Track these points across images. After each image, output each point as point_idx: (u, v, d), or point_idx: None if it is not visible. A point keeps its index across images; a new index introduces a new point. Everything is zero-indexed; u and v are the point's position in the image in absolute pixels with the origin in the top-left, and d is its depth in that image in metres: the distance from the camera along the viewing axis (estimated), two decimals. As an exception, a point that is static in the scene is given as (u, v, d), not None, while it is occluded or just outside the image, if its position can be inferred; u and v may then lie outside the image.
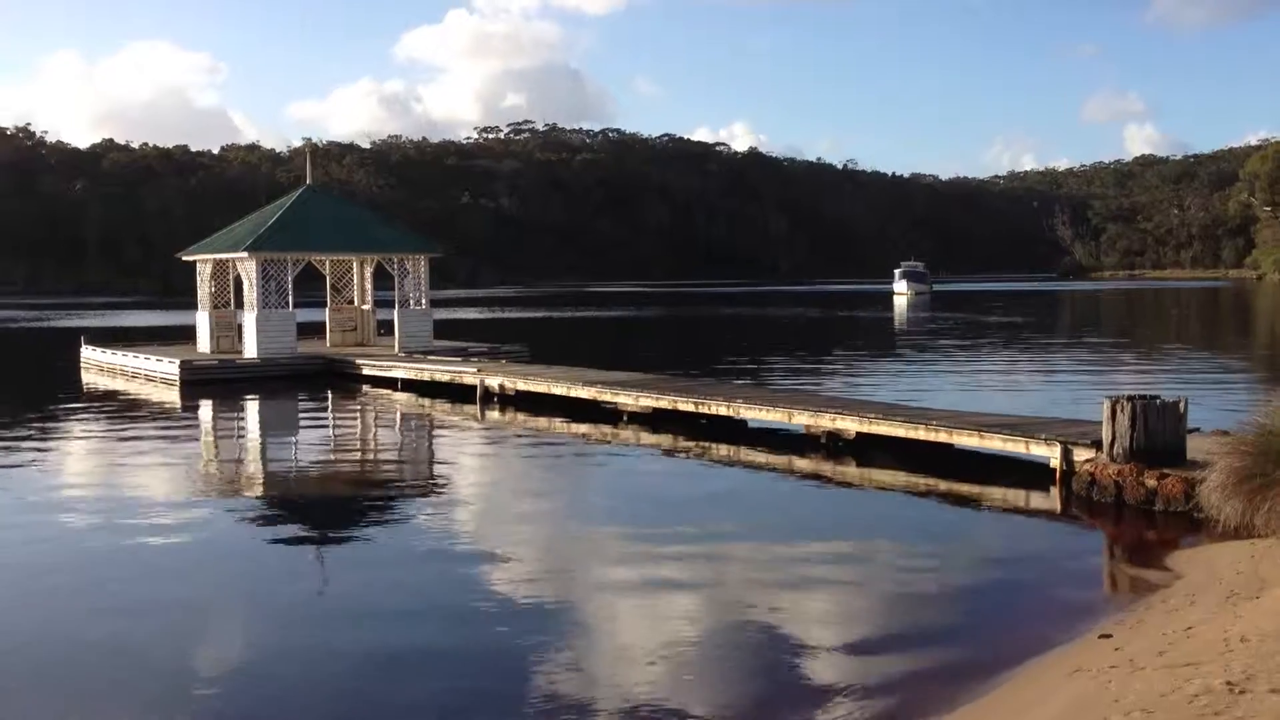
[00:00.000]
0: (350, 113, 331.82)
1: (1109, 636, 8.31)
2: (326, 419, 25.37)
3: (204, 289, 34.21)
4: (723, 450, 18.14)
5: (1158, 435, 13.29)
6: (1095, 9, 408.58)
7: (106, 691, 8.09)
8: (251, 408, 26.49)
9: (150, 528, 13.28)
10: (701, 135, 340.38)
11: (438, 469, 18.32)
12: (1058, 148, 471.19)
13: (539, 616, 9.60)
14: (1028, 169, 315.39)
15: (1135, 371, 32.44)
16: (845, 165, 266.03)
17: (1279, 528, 10.40)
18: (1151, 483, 12.95)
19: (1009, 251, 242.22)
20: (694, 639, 9.01)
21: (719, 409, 19.72)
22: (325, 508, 14.99)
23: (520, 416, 22.73)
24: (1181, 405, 13.53)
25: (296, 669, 8.52)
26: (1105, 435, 13.67)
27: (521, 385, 24.39)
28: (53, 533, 13.12)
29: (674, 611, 9.73)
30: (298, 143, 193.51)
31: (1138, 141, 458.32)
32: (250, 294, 31.72)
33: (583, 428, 20.82)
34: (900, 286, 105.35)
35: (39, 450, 19.85)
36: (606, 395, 21.92)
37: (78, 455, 19.60)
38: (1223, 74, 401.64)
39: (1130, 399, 13.53)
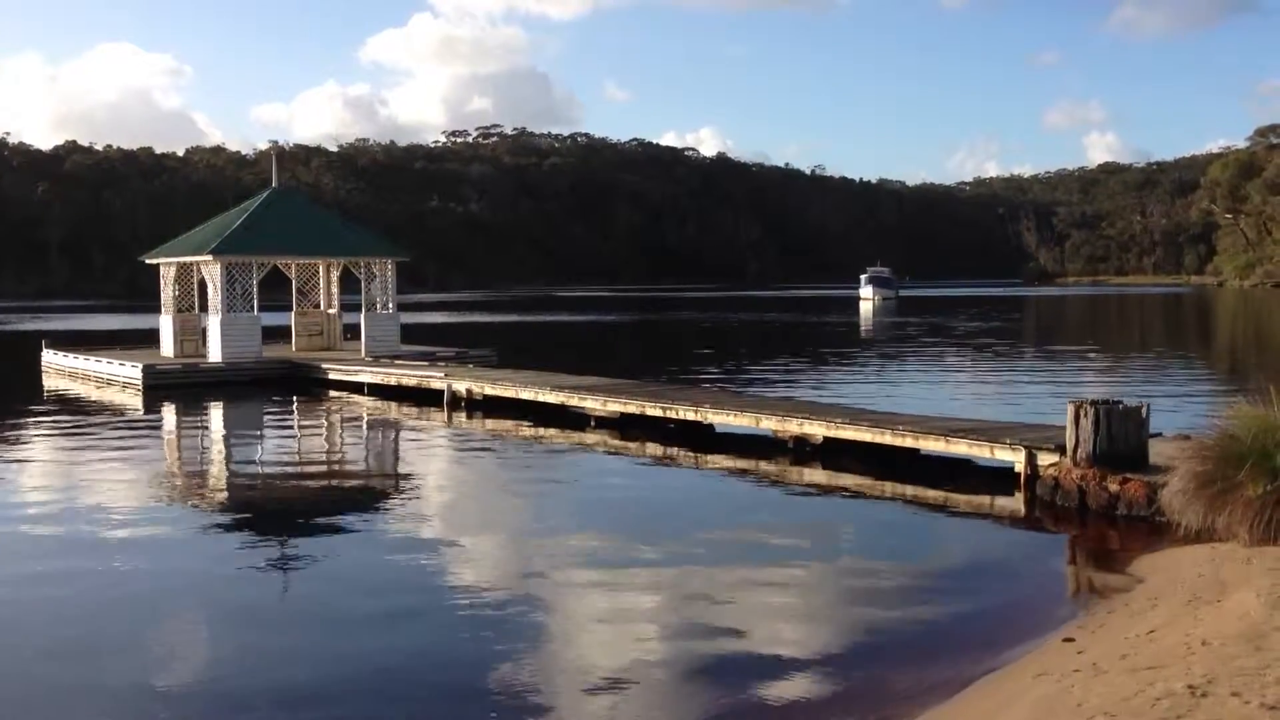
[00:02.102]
0: (315, 116, 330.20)
1: (1072, 640, 8.36)
2: (291, 424, 25.17)
3: (168, 292, 33.87)
4: (690, 455, 18.13)
5: (1120, 440, 13.39)
6: (1055, 17, 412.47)
7: (67, 699, 7.96)
8: (215, 413, 26.25)
9: (111, 534, 13.11)
10: (669, 140, 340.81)
11: (403, 474, 18.20)
12: (1020, 155, 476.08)
13: (502, 622, 9.54)
14: (992, 175, 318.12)
15: (1099, 376, 32.72)
16: (813, 171, 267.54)
17: (1240, 532, 10.50)
18: (1114, 487, 13.04)
19: (975, 257, 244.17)
20: (657, 645, 8.97)
21: (687, 414, 19.73)
22: (289, 514, 14.85)
23: (487, 421, 22.63)
24: (1144, 410, 13.64)
25: (257, 673, 8.42)
26: (1069, 440, 13.77)
27: (489, 390, 24.29)
28: (9, 541, 12.92)
29: (637, 616, 9.70)
30: (263, 145, 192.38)
31: (1099, 149, 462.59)
32: (215, 297, 31.42)
33: (550, 432, 20.76)
34: (866, 292, 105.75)
35: (-2, 455, 19.56)
36: (574, 400, 21.87)
37: (37, 461, 19.33)
38: (1182, 82, 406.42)
39: (1093, 403, 13.63)
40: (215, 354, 31.17)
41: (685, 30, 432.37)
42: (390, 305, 33.72)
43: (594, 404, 21.32)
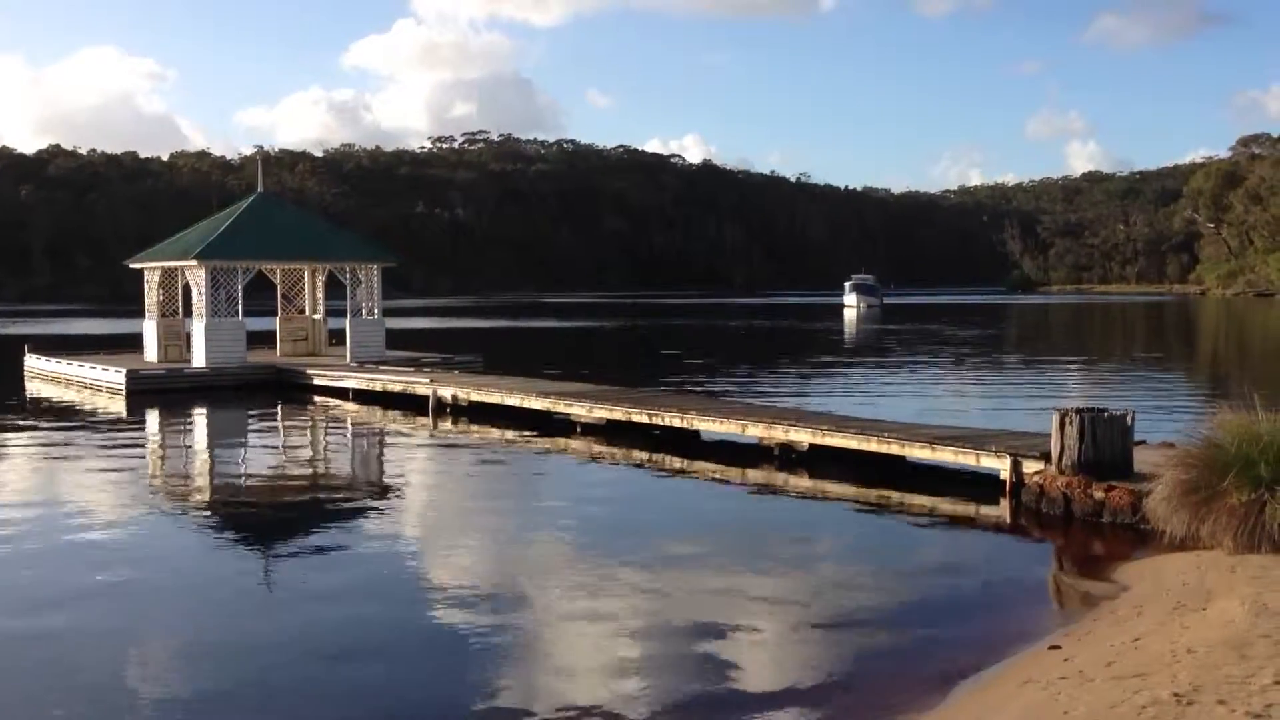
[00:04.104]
0: (299, 121, 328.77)
1: (1058, 648, 8.38)
2: (276, 430, 25.06)
3: (152, 297, 33.72)
4: (676, 462, 18.12)
5: (1105, 447, 13.43)
6: (1036, 28, 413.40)
7: (50, 699, 7.90)
8: (199, 418, 26.12)
9: (91, 539, 13.02)
10: (653, 146, 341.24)
11: (388, 480, 18.14)
12: (1004, 163, 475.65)
13: (483, 627, 9.50)
14: (976, 183, 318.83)
15: (1083, 384, 32.83)
16: (799, 178, 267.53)
17: (1224, 539, 10.55)
18: (1099, 495, 13.09)
19: (960, 265, 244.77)
20: (639, 652, 8.95)
21: (672, 420, 19.72)
22: (271, 520, 14.79)
23: (473, 427, 22.58)
24: (1129, 418, 13.70)
25: (241, 675, 8.37)
26: (1054, 447, 13.80)
27: (475, 396, 24.24)
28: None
29: (620, 624, 9.66)
30: (247, 150, 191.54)
31: (1081, 157, 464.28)
32: (199, 302, 31.31)
33: (536, 439, 20.72)
34: (850, 299, 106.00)
35: (-21, 460, 19.41)
36: (560, 406, 21.84)
37: (18, 466, 19.19)
38: (1163, 92, 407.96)
39: (1079, 411, 13.67)
40: (199, 359, 31.03)
41: (668, 37, 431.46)
42: (376, 310, 33.64)
43: (580, 410, 21.29)
